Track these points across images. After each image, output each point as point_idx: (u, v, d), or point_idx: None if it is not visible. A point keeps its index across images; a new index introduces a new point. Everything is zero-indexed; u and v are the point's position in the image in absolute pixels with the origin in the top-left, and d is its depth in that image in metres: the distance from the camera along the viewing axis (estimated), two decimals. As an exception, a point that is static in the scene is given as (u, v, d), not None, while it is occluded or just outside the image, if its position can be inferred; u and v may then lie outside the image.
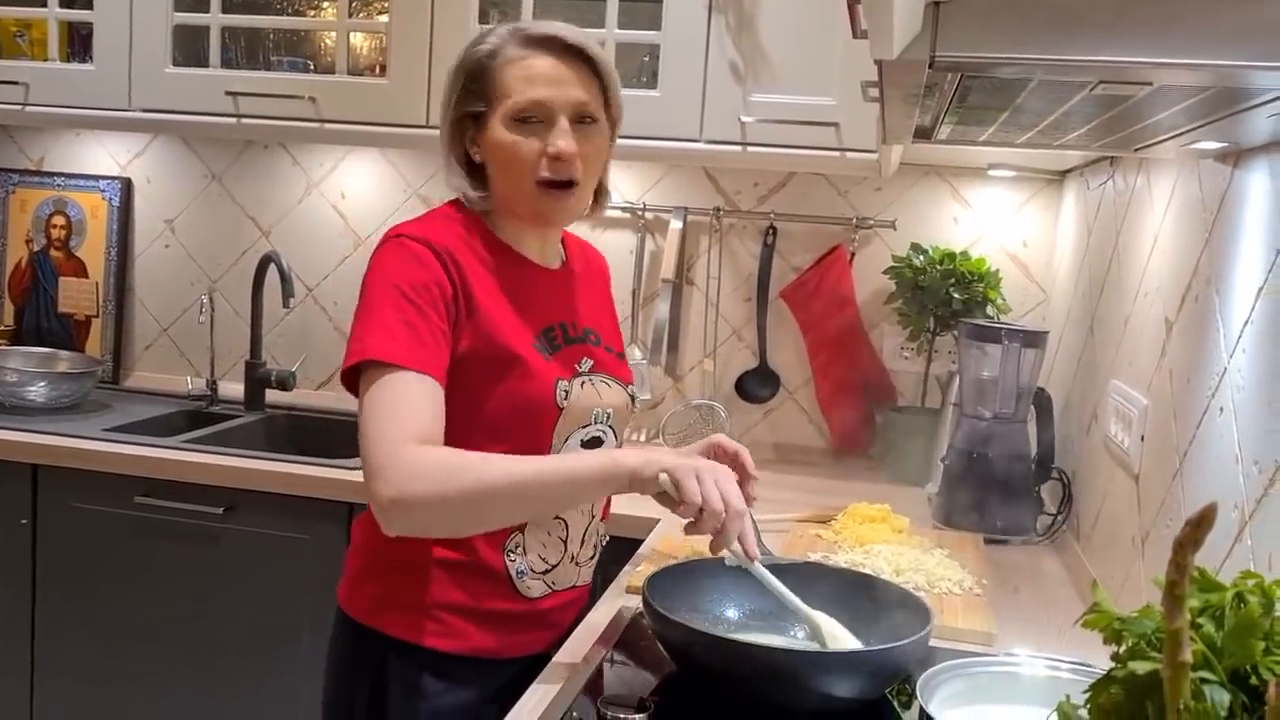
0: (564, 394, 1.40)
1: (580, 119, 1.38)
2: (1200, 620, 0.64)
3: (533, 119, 1.36)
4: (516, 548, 1.41)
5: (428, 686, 1.39)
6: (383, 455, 1.23)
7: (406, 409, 1.26)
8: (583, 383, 1.44)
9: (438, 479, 1.22)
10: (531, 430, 1.38)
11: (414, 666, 1.39)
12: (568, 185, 1.38)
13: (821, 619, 1.34)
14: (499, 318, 1.37)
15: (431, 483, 1.22)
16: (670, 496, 1.26)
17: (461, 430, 1.33)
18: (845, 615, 1.39)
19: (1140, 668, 0.63)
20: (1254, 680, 0.62)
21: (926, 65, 0.86)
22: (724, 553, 1.31)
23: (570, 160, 1.37)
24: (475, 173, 1.44)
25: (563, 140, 1.36)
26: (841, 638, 1.32)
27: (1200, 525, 0.56)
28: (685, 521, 1.26)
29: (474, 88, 1.39)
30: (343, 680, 1.46)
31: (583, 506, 1.47)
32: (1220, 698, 0.60)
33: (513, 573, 1.41)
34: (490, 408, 1.36)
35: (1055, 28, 0.82)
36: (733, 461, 1.48)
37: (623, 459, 1.28)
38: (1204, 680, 0.61)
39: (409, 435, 1.24)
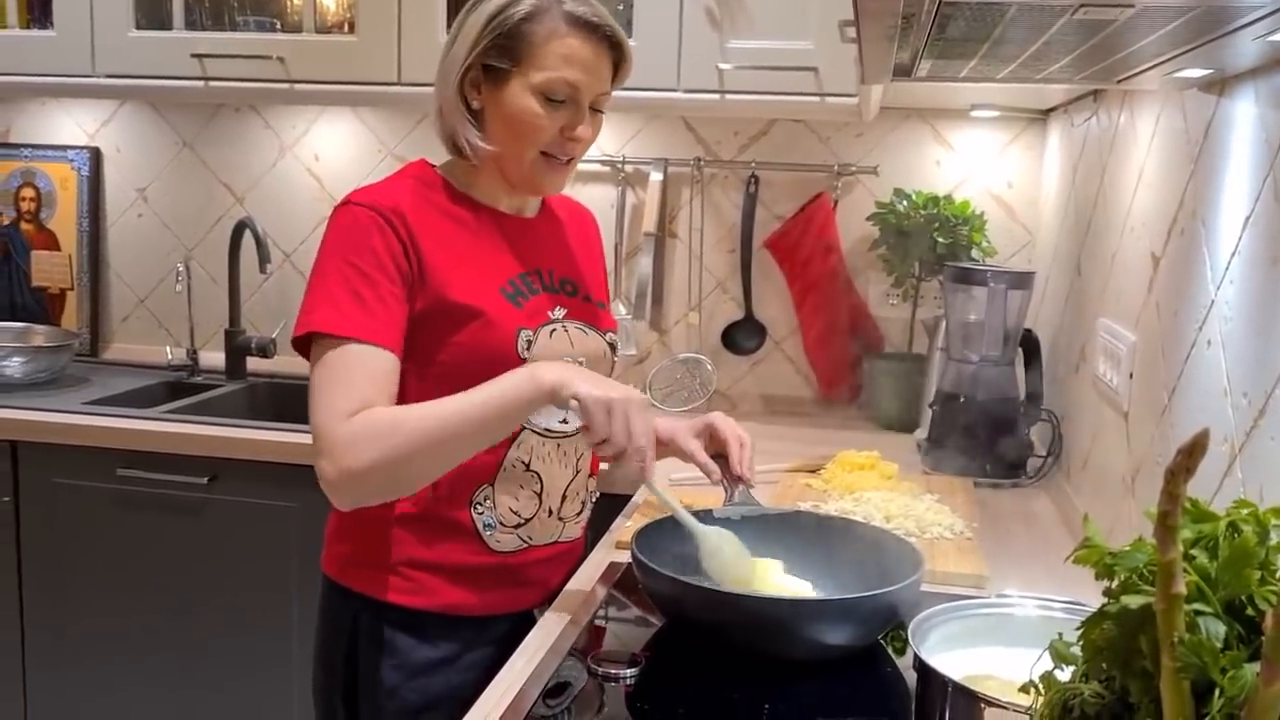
0: (526, 343, 1.38)
1: (597, 107, 1.41)
2: (1193, 551, 0.62)
3: (559, 98, 1.37)
4: (485, 500, 1.40)
5: (397, 643, 1.39)
6: (319, 434, 1.26)
7: (345, 383, 1.27)
8: (553, 330, 1.43)
9: (375, 446, 1.24)
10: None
11: (382, 623, 1.40)
12: (567, 162, 1.42)
13: (708, 534, 1.36)
14: (457, 271, 1.36)
15: (370, 451, 1.24)
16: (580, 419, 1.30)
17: (427, 386, 1.33)
18: (835, 563, 1.39)
19: (1133, 602, 0.61)
20: (1250, 611, 0.60)
21: (903, -8, 0.83)
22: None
23: (581, 145, 1.40)
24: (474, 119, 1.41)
25: (585, 129, 1.39)
26: (715, 551, 1.35)
27: (1193, 452, 0.55)
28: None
29: (504, 44, 1.36)
30: (324, 640, 1.47)
31: (563, 460, 1.45)
32: (1215, 629, 0.59)
33: (479, 526, 1.40)
34: (452, 361, 1.35)
35: (1034, -52, 0.79)
36: (721, 448, 1.47)
37: (541, 377, 1.28)
38: (1198, 612, 0.59)
39: (345, 410, 1.25)
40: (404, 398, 1.33)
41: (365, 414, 1.26)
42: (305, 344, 1.33)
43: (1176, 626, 0.57)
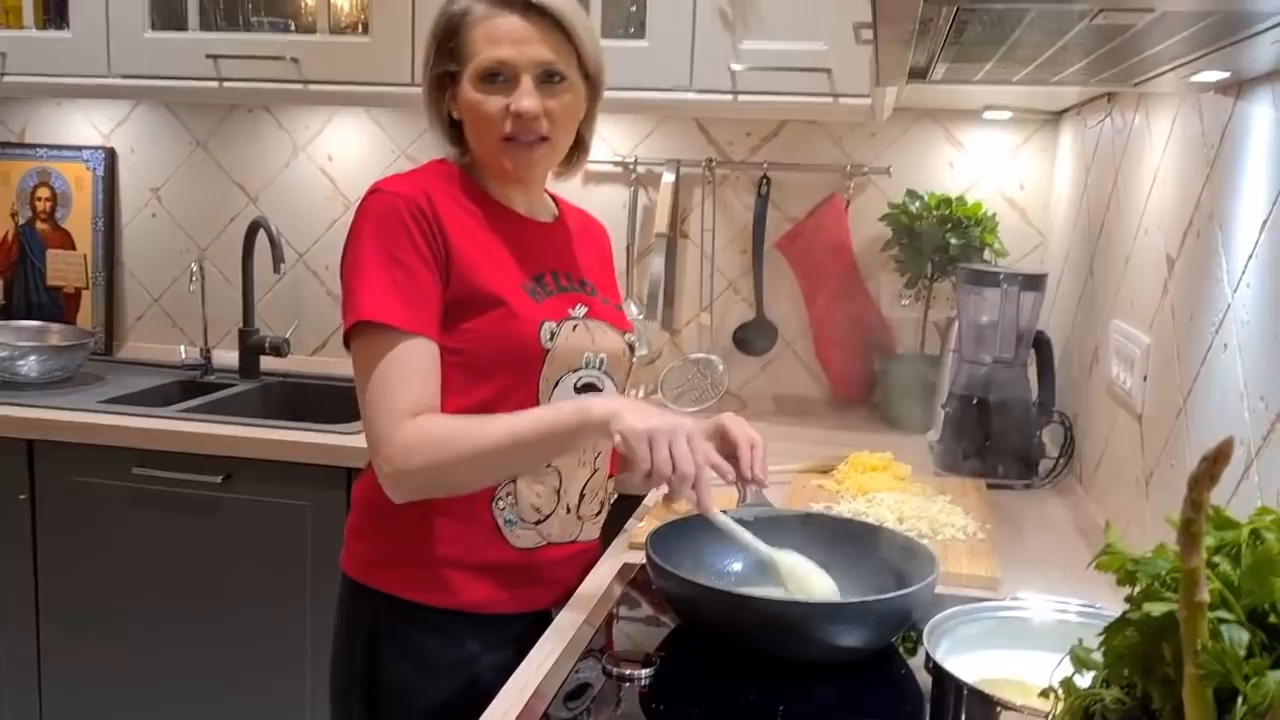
0: (549, 335, 1.40)
1: (547, 77, 1.38)
2: (1216, 559, 0.62)
3: (499, 78, 1.37)
4: (507, 496, 1.41)
5: (418, 641, 1.40)
6: (378, 432, 1.31)
7: (399, 379, 1.31)
8: (574, 326, 1.44)
9: (429, 453, 1.30)
10: (518, 372, 1.38)
11: (404, 622, 1.41)
12: (535, 141, 1.40)
13: (783, 556, 1.35)
14: (482, 263, 1.38)
15: (424, 456, 1.30)
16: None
17: (451, 373, 1.36)
18: (849, 565, 1.39)
19: (1155, 609, 0.61)
20: (1273, 618, 0.60)
21: (922, -1, 0.84)
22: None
23: (534, 119, 1.38)
24: (457, 131, 1.45)
25: (526, 100, 1.37)
26: (801, 574, 1.33)
27: (1218, 460, 0.55)
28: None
29: (447, 48, 1.40)
30: (342, 639, 1.47)
31: (581, 458, 1.46)
32: (1239, 637, 0.59)
33: (501, 522, 1.41)
34: (476, 350, 1.37)
35: (1054, -45, 0.79)
36: (731, 449, 1.47)
37: (590, 412, 1.31)
38: (1221, 620, 0.60)
39: (403, 409, 1.30)
40: None
41: (423, 420, 1.30)
42: (349, 335, 1.35)
43: (1200, 634, 0.58)
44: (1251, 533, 0.62)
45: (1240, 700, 0.58)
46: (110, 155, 2.86)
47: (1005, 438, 2.03)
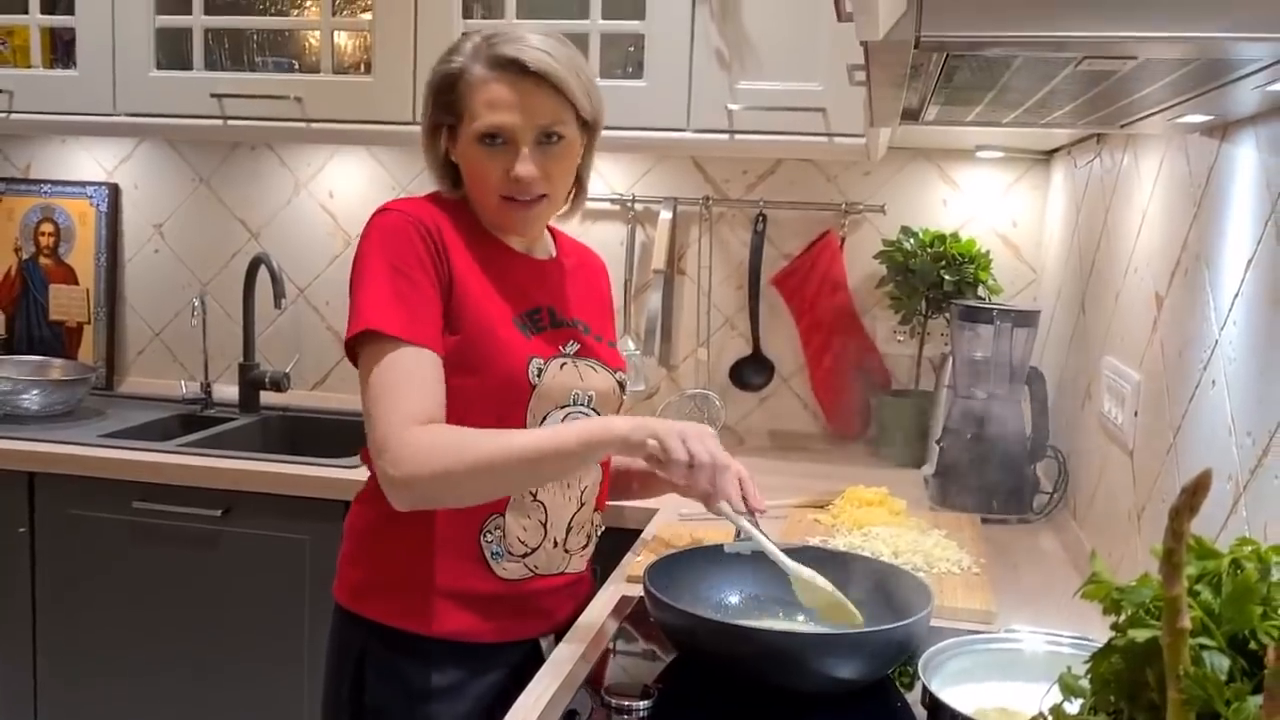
0: (537, 371, 1.41)
1: (545, 138, 1.41)
2: (1198, 587, 0.64)
3: (497, 140, 1.39)
4: (495, 529, 1.42)
5: (405, 670, 1.41)
6: (387, 436, 1.29)
7: (408, 386, 1.31)
8: (563, 364, 1.45)
9: (439, 459, 1.28)
10: (504, 406, 1.40)
11: (391, 650, 1.42)
12: (533, 200, 1.42)
13: (805, 573, 1.37)
14: (477, 293, 1.40)
15: (433, 463, 1.28)
16: (660, 460, 1.32)
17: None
18: (845, 597, 1.40)
19: (1139, 636, 0.63)
20: (1253, 645, 0.62)
21: (912, 45, 0.86)
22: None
23: (531, 183, 1.40)
24: (454, 169, 1.47)
25: (523, 167, 1.39)
26: (822, 587, 1.36)
27: (1196, 492, 0.57)
28: (681, 486, 1.35)
29: (445, 101, 1.42)
30: (333, 666, 1.48)
31: (567, 493, 1.47)
32: (1219, 663, 0.61)
33: (487, 554, 1.42)
34: (463, 380, 1.38)
35: (1039, 4, 0.82)
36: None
37: (612, 425, 1.34)
38: (1203, 646, 0.61)
39: (411, 415, 1.29)
40: None
41: (434, 427, 1.30)
42: (355, 348, 1.36)
43: (1182, 660, 0.59)
44: (1231, 562, 0.64)
45: (1222, 725, 0.59)
46: (114, 191, 2.89)
47: (1000, 473, 2.05)
